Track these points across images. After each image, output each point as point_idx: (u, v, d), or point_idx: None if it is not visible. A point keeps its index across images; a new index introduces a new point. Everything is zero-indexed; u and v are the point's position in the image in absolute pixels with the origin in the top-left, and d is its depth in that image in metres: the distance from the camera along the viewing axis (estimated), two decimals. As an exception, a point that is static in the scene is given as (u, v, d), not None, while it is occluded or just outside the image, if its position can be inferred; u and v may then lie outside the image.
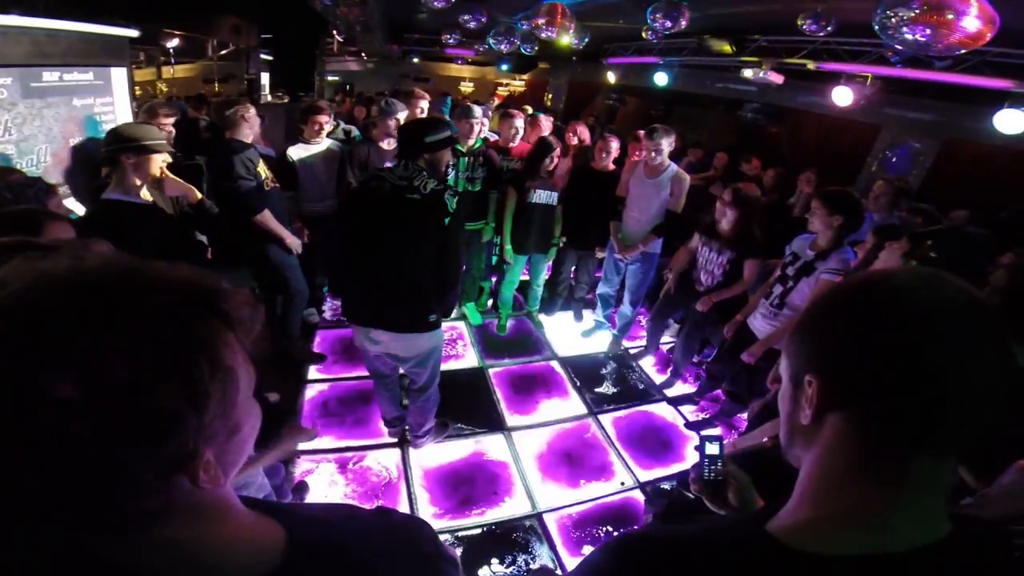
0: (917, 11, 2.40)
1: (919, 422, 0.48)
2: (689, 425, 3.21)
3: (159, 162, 2.02)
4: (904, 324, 0.48)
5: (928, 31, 2.43)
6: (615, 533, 2.40)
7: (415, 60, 12.33)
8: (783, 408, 0.61)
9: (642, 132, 3.80)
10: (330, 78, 13.42)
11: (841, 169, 5.43)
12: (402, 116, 3.31)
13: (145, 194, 2.04)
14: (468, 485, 2.60)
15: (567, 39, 4.78)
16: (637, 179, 3.45)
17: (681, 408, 3.36)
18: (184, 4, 6.24)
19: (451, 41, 8.10)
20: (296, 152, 3.29)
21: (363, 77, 13.41)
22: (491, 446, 2.87)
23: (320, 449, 2.70)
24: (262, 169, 2.83)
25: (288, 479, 2.41)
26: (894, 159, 5.26)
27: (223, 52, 9.73)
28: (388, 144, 3.32)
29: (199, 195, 2.17)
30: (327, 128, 3.36)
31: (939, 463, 0.51)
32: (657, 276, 3.77)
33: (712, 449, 0.97)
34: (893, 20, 2.53)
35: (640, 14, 4.40)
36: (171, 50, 9.34)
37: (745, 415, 3.19)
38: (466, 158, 3.45)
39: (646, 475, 2.80)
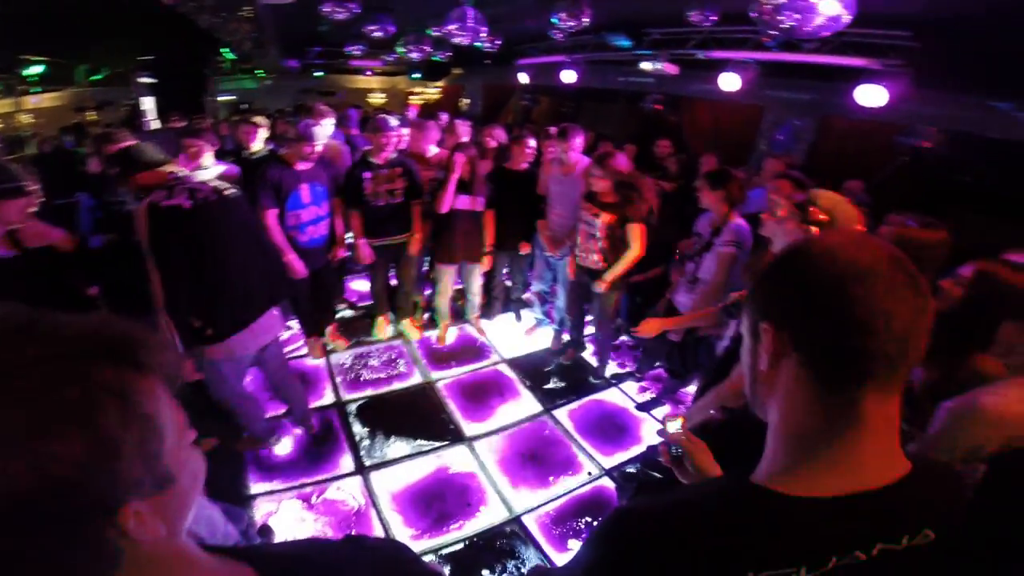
0: None
1: (857, 360, 0.56)
2: (640, 407, 3.37)
3: (23, 208, 1.82)
4: (837, 275, 0.56)
5: (796, 16, 2.76)
6: (595, 523, 2.48)
7: (318, 74, 11.88)
8: (745, 361, 0.68)
9: (554, 130, 3.94)
10: (223, 98, 12.59)
11: (735, 150, 5.84)
12: (320, 141, 3.17)
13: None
14: (440, 501, 2.57)
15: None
16: (555, 178, 3.57)
17: (628, 391, 3.52)
18: (43, 27, 5.57)
19: (357, 53, 7.90)
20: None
21: (261, 94, 12.68)
22: (454, 459, 2.85)
23: (277, 489, 2.57)
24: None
25: (251, 523, 2.26)
26: (779, 137, 5.75)
27: (94, 77, 8.79)
28: (303, 165, 3.15)
29: (69, 241, 1.98)
30: (207, 154, 3.09)
31: (884, 401, 0.58)
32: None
33: (674, 427, 1.08)
34: (767, 7, 2.83)
35: (546, 14, 4.53)
36: (30, 78, 8.29)
37: (691, 390, 3.42)
38: (383, 171, 3.39)
39: (610, 461, 2.91)
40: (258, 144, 3.60)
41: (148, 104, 8.91)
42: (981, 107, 4.21)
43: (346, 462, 2.78)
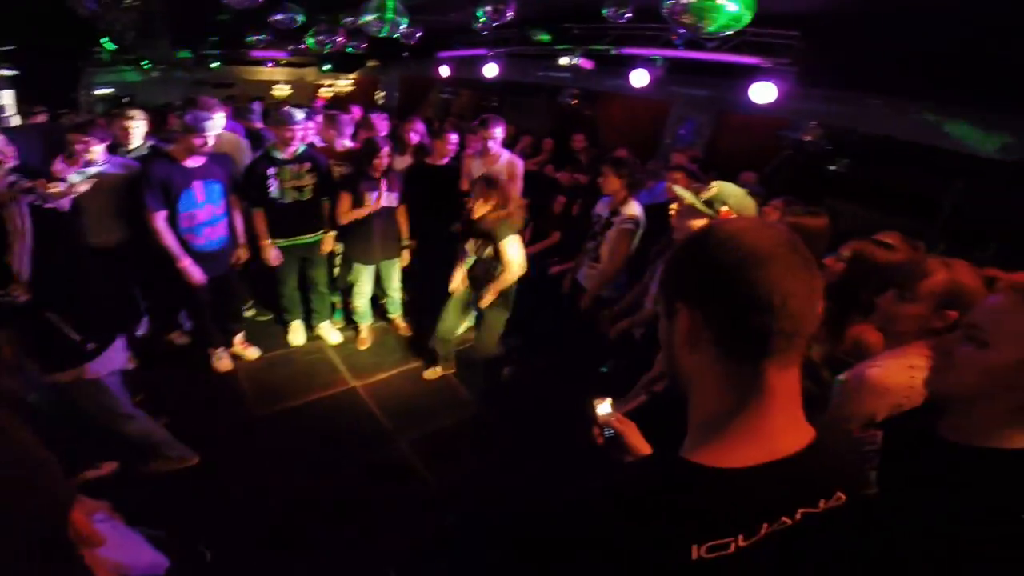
0: None
1: (759, 336, 0.60)
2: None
3: None
4: (740, 258, 0.61)
5: (701, 16, 2.87)
6: None
7: (214, 65, 10.89)
8: (663, 340, 0.72)
9: (476, 123, 3.94)
10: (101, 91, 11.18)
11: (644, 145, 6.14)
12: (211, 133, 2.88)
13: None
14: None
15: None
16: (476, 171, 3.52)
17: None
18: None
19: (259, 42, 7.35)
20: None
21: (147, 87, 11.41)
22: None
23: None
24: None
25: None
26: (682, 132, 6.14)
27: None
28: (194, 161, 2.87)
29: None
30: (96, 150, 2.78)
31: (786, 373, 0.63)
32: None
33: (603, 409, 1.10)
34: (675, 7, 2.93)
35: (470, 7, 4.46)
36: None
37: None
38: (289, 166, 3.19)
39: None
40: (136, 140, 3.22)
41: (6, 99, 7.82)
42: (855, 103, 4.77)
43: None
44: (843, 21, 3.64)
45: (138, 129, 3.23)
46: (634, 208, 2.90)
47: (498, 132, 3.43)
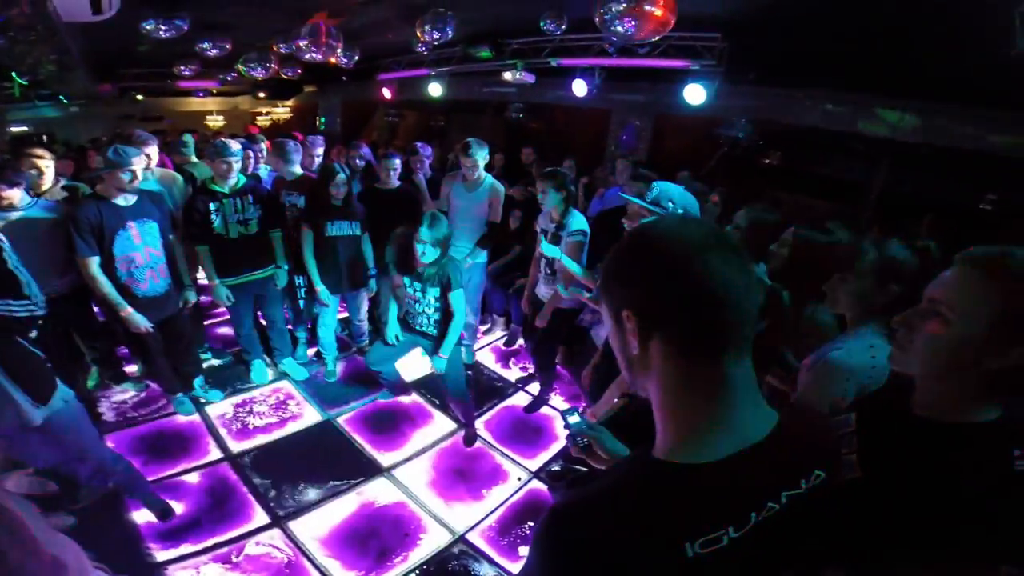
0: (624, 5, 2.91)
1: (711, 330, 0.62)
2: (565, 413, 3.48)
3: None
4: (678, 255, 0.62)
5: (632, 22, 3.02)
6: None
7: (139, 97, 10.35)
8: (615, 345, 0.72)
9: (418, 144, 3.91)
10: (15, 129, 10.41)
11: (591, 152, 6.34)
12: (139, 165, 2.67)
13: None
14: (375, 537, 2.41)
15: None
16: (457, 192, 3.46)
17: (534, 392, 3.59)
18: None
19: (187, 73, 7.04)
20: None
21: (66, 123, 10.72)
22: (377, 492, 2.69)
23: (189, 553, 2.25)
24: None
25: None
26: (624, 137, 6.35)
27: None
28: (125, 200, 2.67)
29: None
30: (12, 195, 2.52)
31: (740, 363, 0.64)
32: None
33: (574, 419, 1.13)
34: (607, 16, 3.04)
35: (409, 27, 4.42)
36: None
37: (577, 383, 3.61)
38: (231, 199, 3.06)
39: (535, 463, 2.95)
40: (47, 183, 2.95)
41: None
42: (778, 97, 5.08)
43: (257, 515, 2.49)
44: (758, 22, 3.84)
45: (50, 169, 2.97)
46: (578, 218, 2.95)
47: (480, 158, 3.34)
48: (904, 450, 0.88)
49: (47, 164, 2.95)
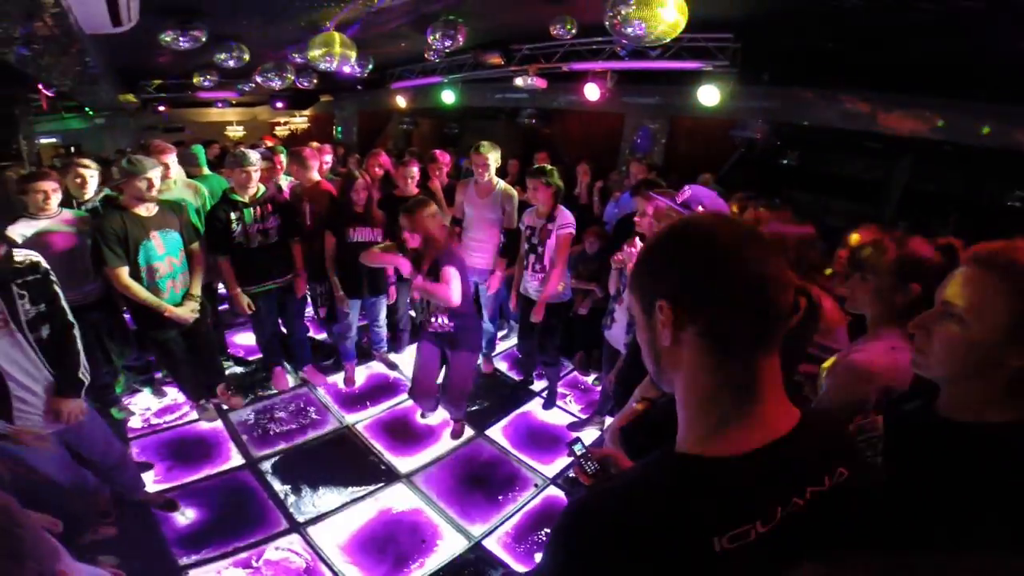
0: (633, 6, 2.90)
1: (746, 324, 0.62)
2: (544, 407, 3.49)
3: None
4: (722, 247, 0.62)
5: (642, 25, 3.02)
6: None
7: (161, 108, 10.63)
8: (643, 338, 0.71)
9: (437, 152, 3.91)
10: (45, 140, 10.76)
11: (605, 156, 6.28)
12: (155, 173, 2.73)
13: None
14: (393, 543, 2.44)
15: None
16: (471, 201, 3.46)
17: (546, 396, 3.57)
18: None
19: (206, 84, 7.20)
20: (21, 230, 2.55)
21: (93, 135, 11.05)
22: (395, 498, 2.71)
23: (210, 558, 2.30)
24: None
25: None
26: (639, 141, 6.32)
27: None
28: (147, 210, 2.74)
29: None
30: (56, 197, 2.66)
31: (770, 360, 0.64)
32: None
33: (579, 449, 1.12)
34: (617, 18, 3.05)
35: (420, 36, 4.47)
36: None
37: (589, 380, 3.63)
38: (251, 209, 3.11)
39: (552, 469, 2.95)
40: (90, 192, 3.11)
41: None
42: (793, 97, 5.01)
43: (277, 520, 2.54)
44: (771, 22, 3.80)
45: (93, 179, 3.10)
46: (566, 213, 3.06)
47: (491, 159, 3.38)
48: (932, 452, 0.86)
49: (91, 174, 3.09)
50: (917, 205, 5.57)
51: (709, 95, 4.80)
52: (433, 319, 2.75)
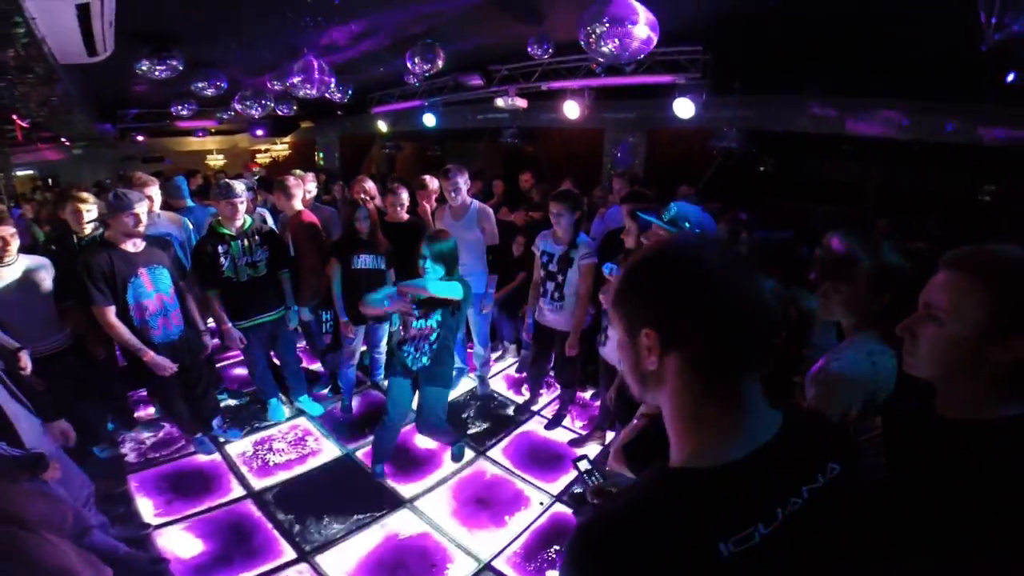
0: (607, 25, 2.98)
1: (731, 348, 0.64)
2: (547, 426, 3.51)
3: None
4: (699, 275, 0.64)
5: (616, 42, 3.06)
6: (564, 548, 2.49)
7: (140, 138, 10.53)
8: (626, 360, 0.72)
9: (427, 177, 3.90)
10: (20, 172, 10.60)
11: (587, 172, 6.40)
12: (141, 208, 2.65)
13: None
14: (402, 569, 2.42)
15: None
16: (447, 225, 3.48)
17: (548, 416, 3.60)
18: None
19: (185, 112, 7.17)
20: None
21: (70, 166, 10.91)
22: (401, 524, 2.69)
23: None
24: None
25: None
26: (619, 155, 6.43)
27: None
28: (134, 246, 2.69)
29: None
30: (15, 243, 2.47)
31: (754, 375, 0.67)
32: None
33: (584, 466, 1.18)
34: (592, 37, 3.10)
35: (399, 60, 4.51)
36: None
37: (587, 396, 3.67)
38: (238, 241, 3.08)
39: (556, 487, 2.95)
40: (89, 226, 3.02)
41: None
42: (764, 105, 5.14)
43: (284, 550, 2.51)
44: (735, 32, 3.89)
45: (91, 212, 3.00)
46: (587, 240, 3.02)
47: (461, 181, 3.39)
48: (931, 450, 0.89)
49: (88, 208, 2.99)
50: (895, 204, 5.74)
51: (683, 107, 4.85)
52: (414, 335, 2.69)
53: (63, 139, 10.13)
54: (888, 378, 1.26)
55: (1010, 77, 3.05)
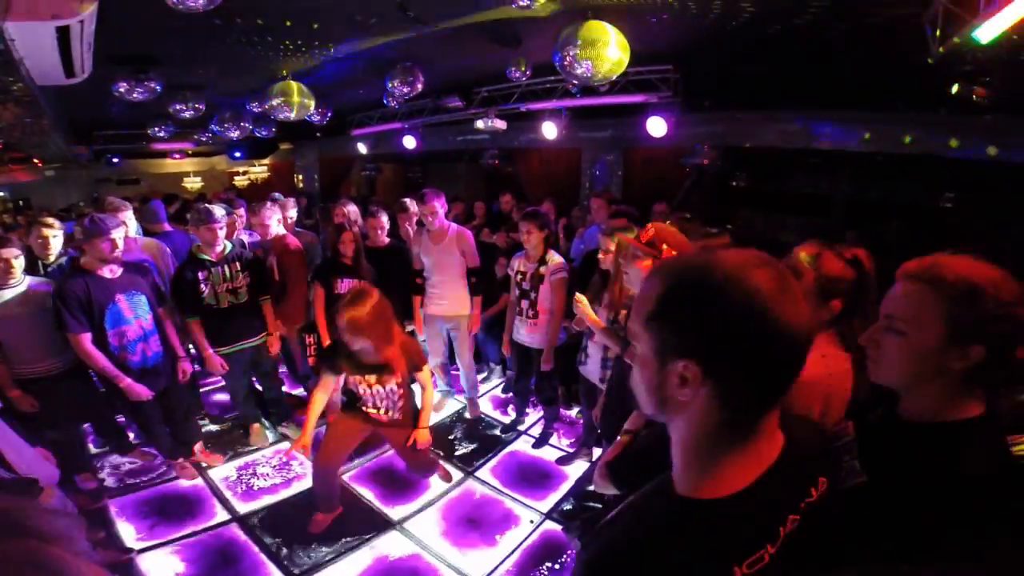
0: (579, 48, 3.10)
1: (769, 386, 0.62)
2: (535, 445, 3.52)
3: None
4: (747, 304, 0.57)
5: (589, 64, 3.16)
6: (555, 566, 2.51)
7: (115, 160, 10.35)
8: (644, 377, 0.66)
9: (407, 200, 3.92)
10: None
11: (566, 192, 6.50)
12: (118, 233, 2.61)
13: None
14: None
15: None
16: (427, 250, 3.46)
17: (535, 435, 3.62)
18: None
19: (161, 134, 7.11)
20: None
21: (42, 188, 10.64)
22: (390, 546, 2.67)
23: None
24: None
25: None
26: (597, 174, 6.56)
27: None
28: (111, 272, 2.64)
29: None
30: (19, 263, 2.50)
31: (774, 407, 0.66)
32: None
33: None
34: (566, 60, 3.21)
35: (379, 82, 4.56)
36: None
37: (573, 413, 3.71)
38: (218, 267, 3.05)
39: (546, 505, 2.96)
40: (53, 255, 3.00)
41: None
42: (733, 121, 5.32)
43: (272, 574, 2.46)
44: (702, 52, 4.04)
45: (57, 239, 2.98)
46: (557, 257, 3.10)
47: (438, 205, 3.38)
48: (901, 453, 0.91)
49: (55, 233, 2.98)
50: (862, 214, 5.96)
51: (656, 126, 5.02)
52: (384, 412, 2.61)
53: (35, 160, 9.89)
54: (842, 379, 1.31)
55: (955, 88, 3.23)
